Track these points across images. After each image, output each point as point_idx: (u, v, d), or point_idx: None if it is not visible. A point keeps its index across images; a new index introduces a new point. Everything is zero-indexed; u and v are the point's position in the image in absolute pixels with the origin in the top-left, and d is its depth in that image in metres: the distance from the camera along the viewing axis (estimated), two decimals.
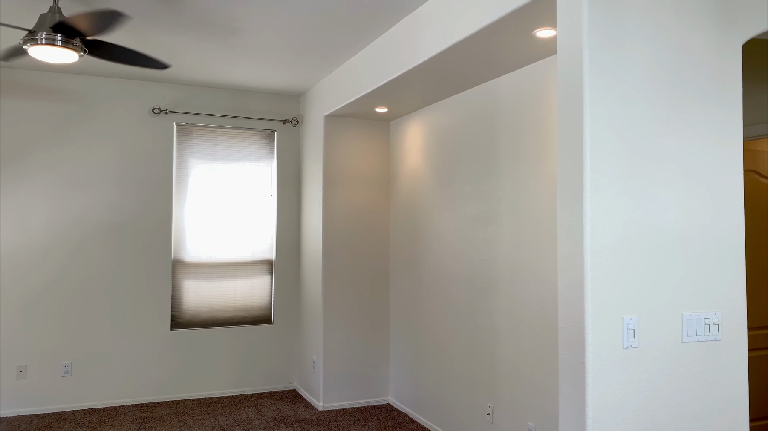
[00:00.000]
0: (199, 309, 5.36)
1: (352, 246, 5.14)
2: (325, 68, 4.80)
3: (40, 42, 3.12)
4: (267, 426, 4.53)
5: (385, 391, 5.19)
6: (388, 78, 3.92)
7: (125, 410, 4.88)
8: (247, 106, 5.58)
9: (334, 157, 5.11)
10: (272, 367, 5.56)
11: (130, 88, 5.18)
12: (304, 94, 5.65)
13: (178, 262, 5.30)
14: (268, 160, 5.69)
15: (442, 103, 4.47)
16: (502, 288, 3.72)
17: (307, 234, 5.48)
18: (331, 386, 4.99)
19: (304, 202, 5.60)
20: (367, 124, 5.24)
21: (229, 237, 5.48)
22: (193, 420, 4.64)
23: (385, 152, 5.30)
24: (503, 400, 3.68)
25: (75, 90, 5.00)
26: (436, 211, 4.51)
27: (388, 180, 5.30)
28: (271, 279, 5.63)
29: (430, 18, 3.37)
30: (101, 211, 5.05)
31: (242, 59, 4.56)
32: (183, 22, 3.75)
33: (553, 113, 3.33)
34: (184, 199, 5.36)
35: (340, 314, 5.06)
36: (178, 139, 5.36)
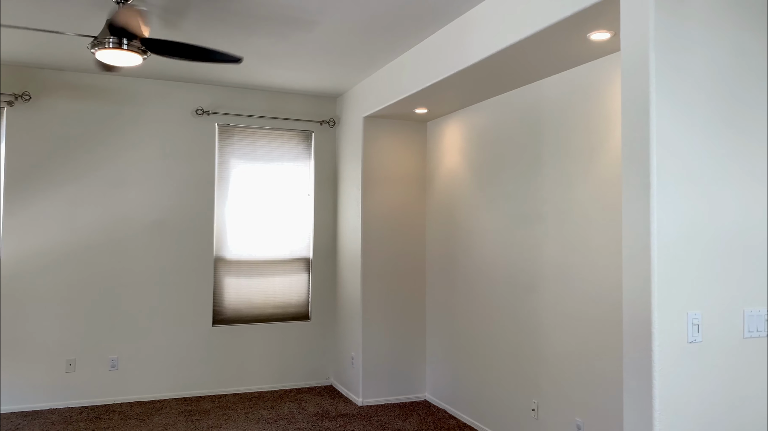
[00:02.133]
0: (239, 306, 5.48)
1: (389, 245, 5.22)
2: (365, 70, 4.89)
3: (107, 46, 3.24)
4: (310, 420, 4.62)
5: (422, 388, 5.27)
6: (433, 80, 4.00)
7: (170, 403, 5.01)
8: (285, 108, 5.69)
9: (373, 157, 5.20)
10: (310, 363, 5.66)
11: (174, 90, 5.30)
12: (341, 96, 5.75)
13: (219, 260, 5.42)
14: (306, 160, 5.79)
15: (483, 103, 4.54)
16: (546, 287, 3.78)
17: (343, 233, 5.57)
18: (369, 382, 5.08)
19: (340, 201, 5.69)
20: (405, 124, 5.32)
21: (268, 235, 5.59)
22: (237, 414, 4.75)
23: (422, 152, 5.38)
24: (548, 396, 3.74)
25: (121, 91, 5.14)
26: (476, 210, 4.58)
27: (425, 180, 5.38)
28: (308, 276, 5.74)
29: (481, 21, 3.44)
30: (146, 209, 5.18)
31: (284, 62, 4.66)
32: (233, 25, 3.86)
33: (604, 113, 3.39)
34: (226, 197, 5.48)
35: (377, 311, 5.15)
36: (219, 139, 5.48)
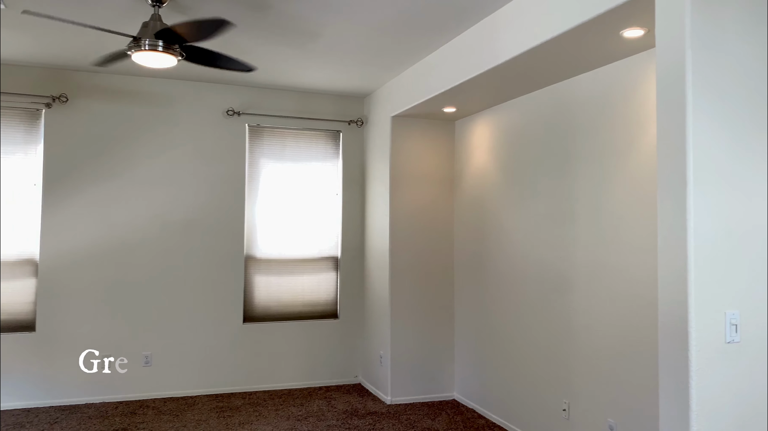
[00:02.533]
0: (269, 304, 5.54)
1: (417, 245, 5.23)
2: (393, 70, 4.91)
3: (144, 48, 3.31)
4: (339, 417, 4.66)
5: (451, 387, 5.27)
6: (462, 79, 4.00)
7: (202, 399, 5.09)
8: (313, 108, 5.74)
9: (401, 156, 5.21)
10: (338, 361, 5.70)
11: (205, 91, 5.39)
12: (369, 96, 5.78)
13: (250, 258, 5.50)
14: (334, 159, 5.84)
15: (512, 101, 4.52)
16: (578, 286, 3.76)
17: (371, 232, 5.60)
18: (398, 381, 5.10)
19: (368, 200, 5.72)
20: (433, 123, 5.33)
21: (296, 234, 5.65)
22: (268, 411, 4.81)
23: (449, 151, 5.38)
24: (580, 396, 3.72)
25: (155, 93, 5.24)
26: (505, 209, 4.57)
27: (453, 178, 5.38)
28: (336, 275, 5.78)
29: (512, 19, 3.44)
30: (179, 208, 5.28)
31: (313, 63, 4.70)
32: (265, 27, 3.91)
33: (636, 111, 3.35)
34: (256, 197, 5.55)
35: (406, 310, 5.16)
36: (249, 139, 5.56)
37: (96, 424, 4.42)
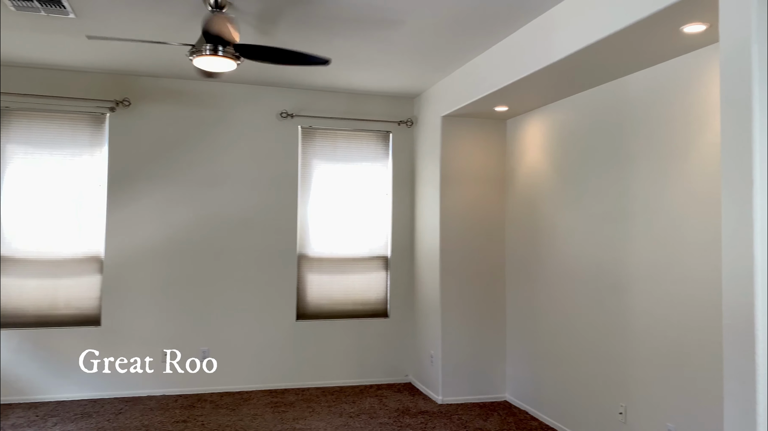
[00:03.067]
0: (321, 302, 5.64)
1: (468, 244, 5.22)
2: (443, 70, 4.92)
3: (204, 53, 3.43)
4: (391, 415, 4.70)
5: (502, 388, 5.24)
6: (515, 77, 3.98)
7: (257, 395, 5.22)
8: (364, 109, 5.80)
9: (451, 156, 5.22)
10: (388, 360, 5.74)
11: (260, 94, 5.52)
12: (419, 96, 5.80)
13: (302, 257, 5.60)
14: (384, 160, 5.88)
15: (566, 100, 4.46)
16: (635, 286, 3.69)
17: (421, 232, 5.62)
18: (449, 380, 5.10)
19: (418, 200, 5.74)
20: (484, 123, 5.31)
21: (347, 233, 5.73)
22: (321, 407, 4.89)
23: (501, 150, 5.35)
24: (637, 400, 3.65)
25: (212, 96, 5.40)
26: (558, 208, 4.51)
27: (504, 178, 5.34)
28: (386, 274, 5.82)
29: (568, 17, 3.40)
30: (235, 207, 5.43)
31: (365, 64, 4.76)
32: (317, 29, 3.98)
33: (696, 108, 3.27)
34: (308, 197, 5.65)
35: (456, 310, 5.16)
36: (302, 140, 5.66)
37: (158, 415, 4.59)
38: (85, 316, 5.08)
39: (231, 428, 4.35)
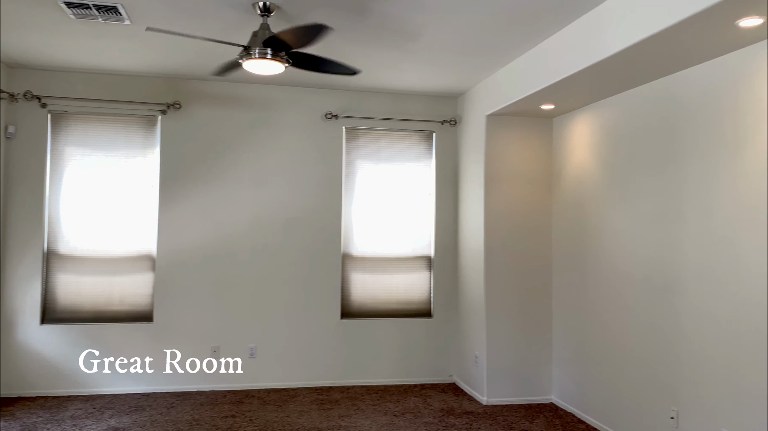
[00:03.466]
0: (364, 301, 5.68)
1: (513, 245, 5.18)
2: (488, 68, 4.89)
3: (254, 56, 3.51)
4: (436, 415, 4.70)
5: (548, 390, 5.18)
6: (562, 75, 3.93)
7: (302, 392, 5.30)
8: (407, 109, 5.81)
9: (496, 155, 5.18)
10: (432, 360, 5.74)
11: (305, 96, 5.61)
12: (463, 95, 5.78)
13: (346, 256, 5.66)
14: (427, 159, 5.89)
15: (614, 97, 4.38)
16: (687, 288, 3.59)
17: (465, 231, 5.60)
18: (494, 381, 5.07)
19: (461, 200, 5.73)
20: (529, 121, 5.25)
21: (391, 233, 5.75)
22: (366, 405, 4.93)
23: (547, 150, 5.28)
24: (690, 404, 3.55)
25: (259, 98, 5.51)
26: (607, 208, 4.43)
27: (551, 177, 5.28)
28: (429, 274, 5.82)
29: (617, 13, 3.34)
30: (281, 207, 5.52)
31: (408, 64, 4.77)
32: (364, 31, 4.01)
33: (753, 104, 3.16)
34: (352, 197, 5.71)
35: (501, 311, 5.13)
36: (346, 141, 5.72)
37: (208, 410, 4.71)
38: (139, 313, 5.26)
39: (278, 424, 4.43)
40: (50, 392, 5.04)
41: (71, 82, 5.17)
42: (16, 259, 5.04)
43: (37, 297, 5.05)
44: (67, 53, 4.65)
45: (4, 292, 5.02)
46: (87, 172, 5.20)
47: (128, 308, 5.24)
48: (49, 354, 5.06)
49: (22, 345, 5.03)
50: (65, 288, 5.13)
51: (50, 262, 5.12)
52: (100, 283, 5.18)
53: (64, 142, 5.18)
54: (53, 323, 5.10)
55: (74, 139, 5.20)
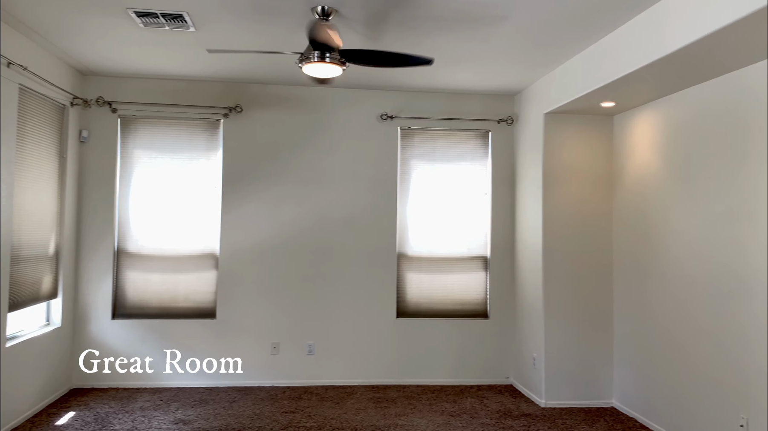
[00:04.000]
0: (420, 301, 5.70)
1: (572, 245, 5.09)
2: (546, 66, 4.82)
3: (313, 60, 3.58)
4: (493, 416, 4.67)
5: (609, 393, 5.06)
6: (623, 72, 3.84)
7: (359, 389, 5.37)
8: (463, 108, 5.79)
9: (554, 154, 5.10)
10: (489, 361, 5.71)
11: (361, 97, 5.67)
12: (520, 93, 5.71)
13: (401, 255, 5.69)
14: (483, 159, 5.85)
15: (679, 93, 4.24)
16: (759, 290, 3.44)
17: (522, 232, 5.53)
18: (552, 384, 4.99)
19: (518, 200, 5.66)
20: (589, 119, 5.14)
21: (446, 233, 5.75)
22: (422, 404, 4.95)
23: (607, 148, 5.16)
24: (761, 411, 3.40)
25: (317, 100, 5.62)
26: (672, 208, 4.29)
27: (611, 176, 5.15)
28: (485, 275, 5.78)
29: (681, 7, 3.24)
30: (338, 207, 5.61)
31: (464, 63, 4.75)
32: (418, 30, 4.03)
33: None
34: (407, 197, 5.73)
35: (560, 313, 5.04)
36: (401, 141, 5.75)
37: (268, 405, 4.84)
38: (202, 309, 5.45)
39: (336, 421, 4.50)
40: (120, 384, 5.29)
41: (139, 87, 5.41)
42: (89, 257, 5.31)
43: (108, 294, 5.31)
44: (135, 60, 4.86)
45: (79, 288, 5.30)
46: (154, 173, 5.43)
47: (193, 305, 5.44)
48: (119, 348, 5.31)
49: (94, 339, 5.29)
50: (134, 285, 5.37)
51: (120, 260, 5.37)
52: (166, 281, 5.40)
53: (132, 145, 5.42)
54: (123, 318, 5.34)
55: (142, 142, 5.43)
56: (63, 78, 4.94)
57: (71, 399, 4.91)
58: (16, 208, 4.29)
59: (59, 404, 4.79)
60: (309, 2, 3.55)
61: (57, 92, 4.87)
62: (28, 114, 4.44)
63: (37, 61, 4.48)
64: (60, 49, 4.61)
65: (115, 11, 3.77)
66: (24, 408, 4.41)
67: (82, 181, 5.34)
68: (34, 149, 4.54)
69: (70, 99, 5.10)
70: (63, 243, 5.04)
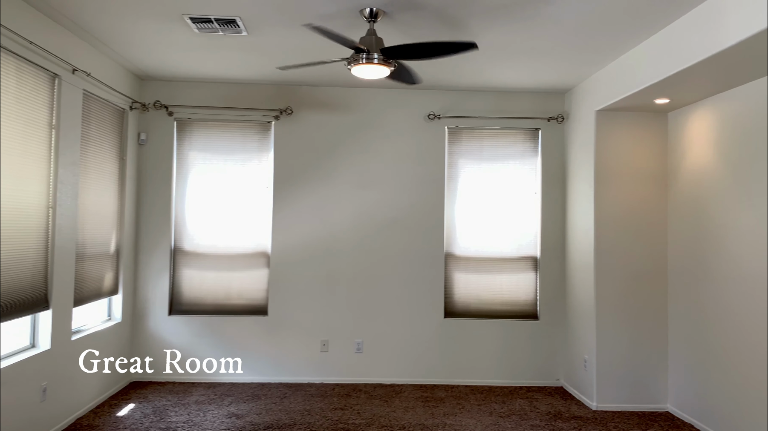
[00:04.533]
0: (468, 301, 5.68)
1: (625, 245, 4.97)
2: (597, 63, 4.73)
3: (361, 62, 3.63)
4: (543, 418, 4.62)
5: (663, 398, 4.92)
6: (678, 68, 3.73)
7: (407, 388, 5.40)
8: (511, 106, 5.74)
9: (606, 153, 5.00)
10: (538, 363, 5.64)
11: (408, 97, 5.70)
12: (570, 91, 5.62)
13: (449, 255, 5.69)
14: (533, 157, 5.78)
15: (738, 89, 4.09)
16: None
17: (573, 232, 5.44)
18: (604, 387, 4.90)
19: (569, 199, 5.57)
20: (642, 116, 5.02)
21: (494, 233, 5.71)
22: (470, 404, 4.94)
23: (661, 146, 5.02)
24: None
25: (364, 101, 5.67)
26: (730, 207, 4.15)
27: (666, 175, 5.01)
28: (535, 275, 5.72)
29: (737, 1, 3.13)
30: (385, 207, 5.65)
31: (512, 61, 4.71)
32: (465, 28, 4.02)
33: None
34: (455, 196, 5.72)
35: (612, 314, 4.94)
36: (449, 141, 5.74)
37: (318, 402, 4.93)
38: (255, 306, 5.59)
39: (384, 418, 4.54)
40: (177, 378, 5.48)
41: (194, 91, 5.59)
42: (147, 255, 5.52)
43: (165, 291, 5.51)
44: (190, 65, 5.03)
45: (138, 285, 5.51)
46: (208, 174, 5.60)
47: (245, 302, 5.58)
48: (176, 343, 5.50)
49: (152, 334, 5.50)
50: (189, 282, 5.56)
51: (176, 258, 5.56)
52: (220, 278, 5.56)
53: (188, 147, 5.61)
54: (179, 314, 5.53)
55: (197, 144, 5.61)
56: (123, 83, 5.16)
57: (131, 392, 5.12)
58: (80, 208, 4.51)
59: (120, 396, 5.00)
60: (357, 5, 3.60)
61: (117, 97, 5.08)
62: (91, 118, 4.65)
63: (99, 68, 4.69)
64: (120, 56, 4.81)
65: (171, 18, 3.91)
66: (88, 399, 4.63)
67: (140, 182, 5.55)
68: (96, 151, 4.76)
69: (129, 103, 5.32)
70: (123, 242, 5.26)
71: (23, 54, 3.69)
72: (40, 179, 3.93)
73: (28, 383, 3.80)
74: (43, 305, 3.99)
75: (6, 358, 3.71)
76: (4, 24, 3.47)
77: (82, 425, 4.30)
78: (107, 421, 4.38)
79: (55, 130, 4.10)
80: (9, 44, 3.54)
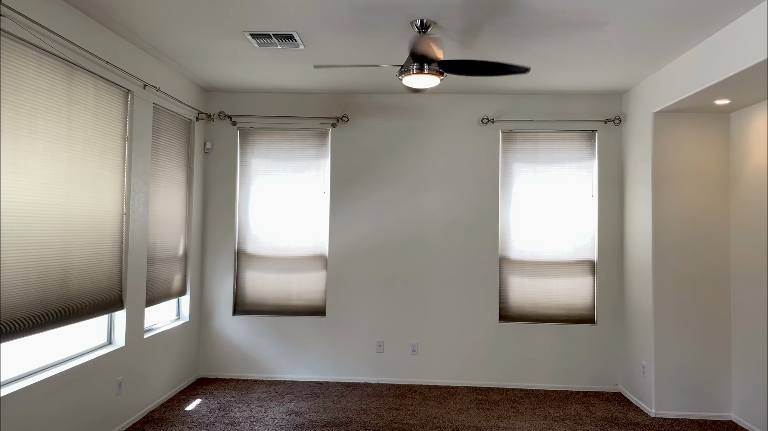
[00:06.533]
0: (523, 305, 5.68)
1: (685, 249, 4.86)
2: (655, 64, 4.65)
3: (412, 72, 3.73)
4: (598, 424, 4.58)
5: (727, 406, 4.78)
6: (739, 68, 3.64)
7: (462, 390, 5.45)
8: (566, 109, 5.70)
9: (665, 154, 4.90)
10: (595, 368, 5.57)
11: (462, 102, 5.75)
12: (627, 92, 5.53)
13: (503, 259, 5.70)
14: (589, 160, 5.72)
15: None
16: None
17: (632, 235, 5.35)
18: (663, 393, 4.80)
19: (627, 202, 5.48)
20: (702, 118, 4.89)
21: (550, 236, 5.68)
22: (525, 408, 4.95)
23: (723, 148, 4.88)
24: None
25: (418, 107, 5.77)
26: None
27: (728, 177, 4.86)
28: (593, 279, 5.65)
29: None
30: (440, 211, 5.73)
31: (567, 64, 4.69)
32: (518, 35, 4.05)
33: None
34: (509, 200, 5.73)
35: (671, 320, 4.84)
36: (503, 144, 5.76)
37: (374, 401, 5.06)
38: (313, 307, 5.78)
39: (438, 419, 4.62)
40: (240, 375, 5.74)
41: (256, 101, 5.84)
42: (213, 257, 5.81)
43: (230, 291, 5.79)
44: (252, 77, 5.27)
45: (204, 286, 5.81)
46: (269, 180, 5.84)
47: (305, 303, 5.79)
48: (239, 342, 5.76)
49: (218, 333, 5.79)
50: (252, 283, 5.81)
51: (240, 260, 5.83)
52: (280, 280, 5.79)
53: (250, 155, 5.87)
54: (243, 314, 5.80)
55: (259, 151, 5.86)
56: (189, 95, 5.46)
57: (198, 388, 5.41)
58: (151, 214, 4.81)
59: (188, 391, 5.30)
60: (408, 16, 3.71)
61: (185, 108, 5.38)
62: (160, 129, 4.96)
63: (167, 82, 4.99)
64: (187, 69, 5.10)
65: (233, 34, 4.14)
66: (158, 394, 4.93)
67: (206, 188, 5.85)
68: (165, 160, 5.06)
69: (195, 114, 5.62)
70: (190, 245, 5.56)
71: (100, 73, 3.99)
72: (114, 188, 4.24)
73: (105, 377, 4.10)
74: (118, 305, 4.29)
75: (86, 354, 4.02)
76: (86, 47, 3.78)
77: (153, 418, 4.59)
78: (176, 415, 4.66)
79: (128, 141, 4.40)
80: (87, 64, 3.84)
